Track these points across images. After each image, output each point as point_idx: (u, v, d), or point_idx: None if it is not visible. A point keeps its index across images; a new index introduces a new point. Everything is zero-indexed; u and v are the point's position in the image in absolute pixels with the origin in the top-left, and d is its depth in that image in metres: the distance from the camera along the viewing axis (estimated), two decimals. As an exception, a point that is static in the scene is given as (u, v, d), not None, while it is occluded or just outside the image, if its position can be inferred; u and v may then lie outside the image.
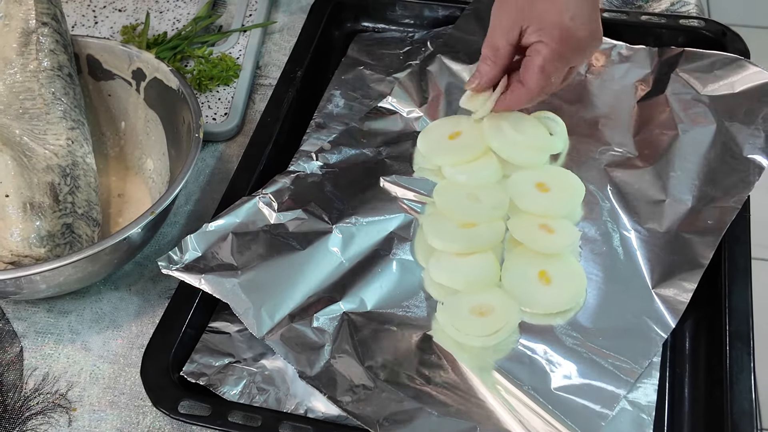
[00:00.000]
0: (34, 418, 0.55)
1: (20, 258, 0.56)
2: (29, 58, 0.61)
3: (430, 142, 0.65)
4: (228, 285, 0.55)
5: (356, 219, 0.60)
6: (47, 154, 0.59)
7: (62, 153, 0.60)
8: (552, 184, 0.61)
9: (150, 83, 0.65)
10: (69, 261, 0.52)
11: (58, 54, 0.62)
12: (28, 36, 0.61)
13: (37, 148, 0.59)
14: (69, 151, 0.60)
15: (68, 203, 0.58)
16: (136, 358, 0.57)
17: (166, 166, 0.64)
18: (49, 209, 0.57)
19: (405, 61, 0.74)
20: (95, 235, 0.60)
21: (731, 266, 0.57)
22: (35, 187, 0.57)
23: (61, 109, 0.61)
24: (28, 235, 0.56)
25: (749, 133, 0.63)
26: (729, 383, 0.51)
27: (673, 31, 0.72)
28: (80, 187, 0.60)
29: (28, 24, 0.61)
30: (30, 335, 0.59)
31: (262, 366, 0.54)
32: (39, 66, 0.61)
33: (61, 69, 0.62)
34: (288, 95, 0.69)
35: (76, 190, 0.59)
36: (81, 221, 0.59)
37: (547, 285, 0.56)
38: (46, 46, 0.61)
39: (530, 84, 0.59)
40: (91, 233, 0.59)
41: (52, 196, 0.57)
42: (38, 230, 0.56)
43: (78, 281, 0.57)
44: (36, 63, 0.61)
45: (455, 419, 0.50)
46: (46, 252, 0.56)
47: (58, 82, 0.61)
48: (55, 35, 0.62)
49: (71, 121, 0.61)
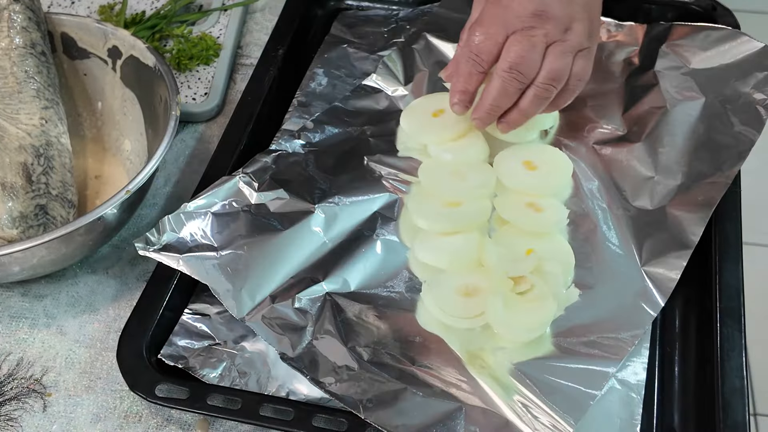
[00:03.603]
0: (8, 404, 0.53)
1: None
2: (0, 35, 0.59)
3: (413, 121, 0.63)
4: (207, 266, 0.54)
5: (339, 198, 0.59)
6: (20, 133, 0.57)
7: (35, 133, 0.58)
8: (540, 162, 0.60)
9: (126, 61, 0.63)
10: (41, 242, 0.50)
11: (30, 31, 0.60)
12: (0, 13, 0.59)
13: (10, 128, 0.57)
14: (42, 130, 0.58)
15: (42, 184, 0.57)
16: (113, 342, 0.56)
17: (143, 146, 0.63)
18: (22, 190, 0.55)
19: (390, 39, 0.73)
20: (70, 216, 0.58)
21: (722, 242, 0.56)
22: (7, 167, 0.56)
23: (34, 87, 0.59)
24: (0, 216, 0.54)
25: (739, 104, 0.61)
26: (720, 360, 0.50)
27: (663, 7, 0.71)
28: (54, 168, 0.58)
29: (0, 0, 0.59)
30: (4, 319, 0.57)
31: (243, 348, 0.53)
32: (10, 44, 0.59)
33: (33, 47, 0.60)
34: (269, 74, 0.67)
35: (50, 171, 0.57)
36: (55, 202, 0.57)
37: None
38: (18, 23, 0.59)
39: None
40: (66, 215, 0.58)
41: (25, 177, 0.56)
42: (10, 211, 0.54)
43: (52, 263, 0.55)
44: (8, 41, 0.59)
45: (440, 400, 0.48)
46: (18, 233, 0.54)
47: (30, 60, 0.60)
48: (28, 12, 0.60)
49: (45, 101, 0.59)
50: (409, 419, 0.48)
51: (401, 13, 0.75)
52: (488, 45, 0.55)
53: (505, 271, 0.53)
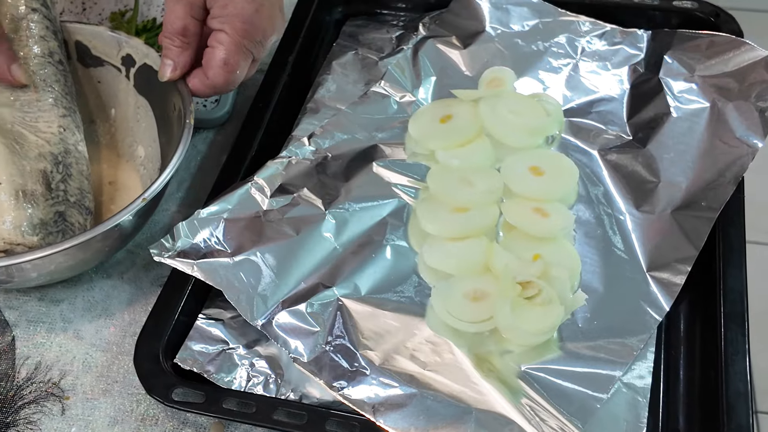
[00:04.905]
0: (27, 407, 0.54)
1: (13, 246, 0.55)
2: (20, 44, 0.60)
3: (421, 127, 0.64)
4: (221, 272, 0.55)
5: (349, 204, 0.60)
6: (39, 141, 0.58)
7: (54, 140, 0.59)
8: (546, 167, 0.61)
9: (139, 69, 0.64)
10: (60, 248, 0.51)
11: (48, 40, 0.61)
12: (18, 22, 0.60)
13: (29, 136, 0.58)
14: (61, 138, 0.59)
15: (60, 191, 0.58)
16: (129, 346, 0.57)
17: (157, 153, 0.64)
18: (42, 197, 0.56)
19: (397, 45, 0.74)
20: (87, 223, 0.59)
21: (726, 248, 0.56)
22: (27, 174, 0.57)
23: (53, 96, 0.60)
24: (21, 223, 0.55)
25: (743, 112, 0.62)
26: (724, 364, 0.51)
27: (666, 13, 0.71)
28: (72, 175, 0.59)
29: (18, 10, 0.60)
30: (22, 324, 0.59)
31: (256, 352, 0.54)
32: (29, 53, 0.60)
33: (51, 55, 0.61)
34: (279, 81, 0.68)
35: (68, 178, 0.59)
36: (73, 209, 0.58)
37: (542, 269, 0.56)
38: (36, 33, 0.60)
39: (215, 79, 0.59)
40: (83, 221, 0.59)
41: (45, 184, 0.57)
42: (31, 218, 0.55)
43: (69, 269, 0.56)
44: (27, 50, 0.60)
45: (450, 403, 0.49)
46: (38, 240, 0.55)
47: (49, 68, 0.61)
48: (45, 21, 0.61)
49: (63, 109, 0.60)
50: (419, 422, 0.49)
51: (408, 19, 0.76)
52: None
53: (512, 276, 0.54)
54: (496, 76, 0.67)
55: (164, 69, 0.60)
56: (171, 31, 0.59)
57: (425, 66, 0.69)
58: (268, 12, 0.59)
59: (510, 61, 0.69)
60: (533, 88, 0.67)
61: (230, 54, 0.58)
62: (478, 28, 0.71)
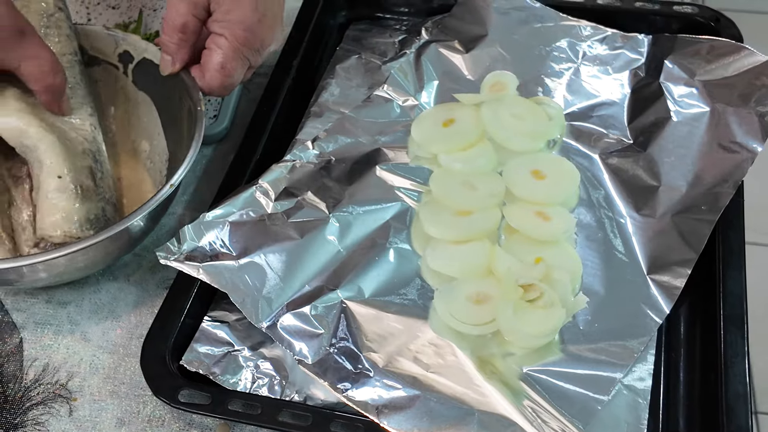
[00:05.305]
0: (35, 408, 0.55)
1: (71, 239, 0.56)
2: (52, 41, 0.61)
3: (424, 130, 0.65)
4: (226, 274, 0.56)
5: (353, 207, 0.60)
6: (79, 138, 0.59)
7: (90, 138, 0.60)
8: (547, 171, 0.62)
9: (138, 65, 0.64)
10: (98, 240, 0.52)
11: (72, 40, 0.62)
12: (48, 19, 0.61)
13: (70, 132, 0.59)
14: (93, 136, 0.60)
15: (101, 187, 0.59)
16: (135, 348, 0.58)
17: (162, 146, 0.65)
18: (93, 192, 0.57)
19: (400, 49, 0.74)
20: (116, 218, 0.60)
21: (725, 251, 0.57)
22: (79, 169, 0.57)
23: (81, 94, 0.61)
24: (80, 217, 0.56)
25: (742, 117, 0.63)
26: (723, 367, 0.51)
27: (667, 18, 0.72)
28: (104, 172, 0.60)
29: (48, 7, 0.61)
30: (29, 326, 0.59)
31: (261, 354, 0.55)
32: (61, 50, 0.61)
33: (76, 54, 0.62)
34: (284, 84, 0.69)
35: (103, 175, 0.60)
36: (108, 206, 0.59)
37: (544, 272, 0.56)
38: (63, 31, 0.61)
39: (211, 82, 0.60)
40: (113, 218, 0.60)
41: (93, 180, 0.58)
42: (87, 212, 0.56)
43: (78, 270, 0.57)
44: (59, 47, 0.61)
45: (453, 405, 0.50)
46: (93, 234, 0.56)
47: (77, 67, 0.61)
48: (68, 21, 0.62)
49: (89, 107, 0.61)
50: (423, 424, 0.49)
51: (411, 23, 0.77)
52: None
53: (514, 279, 0.54)
54: (498, 81, 0.68)
55: (164, 63, 0.61)
56: (171, 26, 0.60)
57: (428, 70, 0.70)
58: (270, 22, 0.59)
59: (512, 65, 0.70)
60: (535, 92, 0.68)
61: (227, 59, 0.59)
62: (480, 33, 0.72)
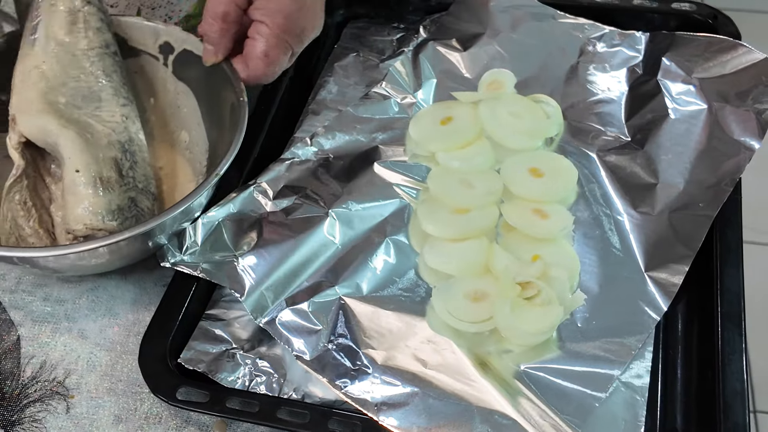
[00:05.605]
0: (32, 406, 0.55)
1: (94, 231, 0.56)
2: (78, 36, 0.61)
3: (421, 128, 0.65)
4: (225, 272, 0.56)
5: (351, 204, 0.60)
6: (105, 130, 0.59)
7: (119, 129, 0.60)
8: (545, 168, 0.62)
9: (179, 56, 0.65)
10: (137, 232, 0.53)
11: (103, 32, 0.62)
12: (75, 15, 0.61)
13: (96, 125, 0.59)
14: (124, 127, 0.60)
15: (130, 178, 0.59)
16: (133, 346, 0.58)
17: (202, 135, 0.65)
18: (116, 184, 0.58)
19: (398, 47, 0.74)
20: (155, 207, 0.61)
21: (723, 248, 0.57)
22: (101, 162, 0.57)
23: (112, 86, 0.61)
24: (101, 209, 0.56)
25: (740, 114, 0.63)
26: (721, 364, 0.51)
27: (665, 16, 0.72)
28: (138, 162, 0.60)
29: (74, 3, 0.61)
30: (27, 324, 0.59)
31: (259, 352, 0.55)
32: (89, 44, 0.61)
33: (107, 47, 0.62)
34: (282, 83, 0.69)
35: (134, 165, 0.60)
36: (142, 195, 0.59)
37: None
38: (92, 25, 0.61)
39: (256, 71, 0.60)
40: (151, 206, 0.60)
41: (117, 171, 0.58)
42: (109, 204, 0.56)
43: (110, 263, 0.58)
44: (86, 41, 0.61)
45: (450, 402, 0.50)
46: (118, 225, 0.56)
47: (107, 59, 0.62)
48: (99, 13, 0.62)
49: (122, 98, 0.61)
50: (421, 421, 0.49)
51: (409, 22, 0.77)
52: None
53: (512, 277, 0.54)
54: (496, 79, 0.68)
55: (207, 53, 0.61)
56: (212, 15, 0.60)
57: (426, 68, 0.70)
58: (311, 10, 0.59)
59: (510, 63, 0.70)
60: (533, 91, 0.68)
61: (270, 47, 0.59)
62: (478, 31, 0.72)
